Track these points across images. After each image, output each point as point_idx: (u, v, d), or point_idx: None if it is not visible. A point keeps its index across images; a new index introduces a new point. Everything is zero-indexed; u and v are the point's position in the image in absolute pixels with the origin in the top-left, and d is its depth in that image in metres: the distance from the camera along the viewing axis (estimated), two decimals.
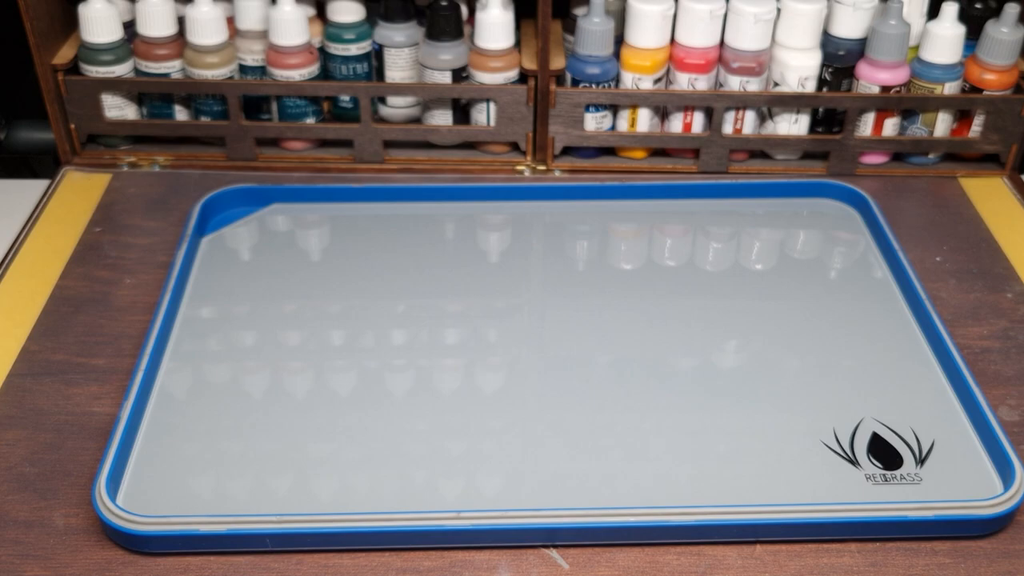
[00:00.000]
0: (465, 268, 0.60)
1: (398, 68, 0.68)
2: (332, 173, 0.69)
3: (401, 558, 0.43)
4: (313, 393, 0.51)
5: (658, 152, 0.71)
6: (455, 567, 0.43)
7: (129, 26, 0.68)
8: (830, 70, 0.67)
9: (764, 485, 0.46)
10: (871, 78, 0.66)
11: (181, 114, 0.70)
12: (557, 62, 0.66)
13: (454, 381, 0.51)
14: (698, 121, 0.68)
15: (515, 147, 0.70)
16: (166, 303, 0.54)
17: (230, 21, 0.68)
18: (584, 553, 0.44)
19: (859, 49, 0.67)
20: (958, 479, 0.47)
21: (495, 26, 0.65)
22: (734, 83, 0.67)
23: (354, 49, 0.68)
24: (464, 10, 0.67)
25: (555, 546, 0.44)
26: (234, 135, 0.68)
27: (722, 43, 0.66)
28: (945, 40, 0.65)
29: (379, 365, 0.53)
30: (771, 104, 0.68)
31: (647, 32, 0.65)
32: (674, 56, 0.67)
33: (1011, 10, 0.65)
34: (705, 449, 0.48)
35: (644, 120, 0.68)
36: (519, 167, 0.69)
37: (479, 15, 0.66)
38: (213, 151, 0.70)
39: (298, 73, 0.67)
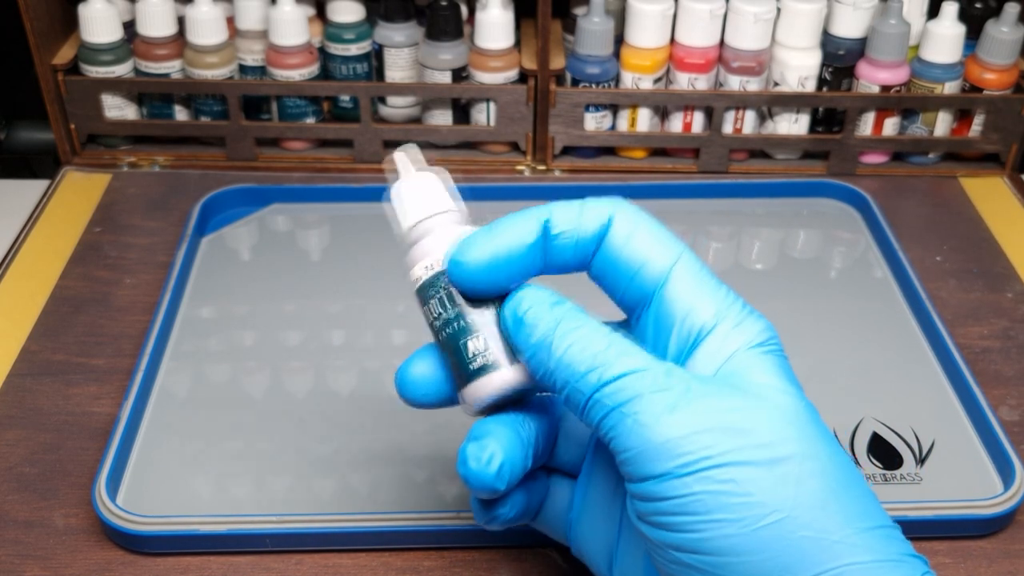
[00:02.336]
0: None
1: (398, 68, 0.68)
2: (332, 173, 0.69)
3: (401, 558, 0.43)
4: (313, 393, 0.51)
5: (658, 152, 0.71)
6: (455, 567, 0.43)
7: (129, 26, 0.68)
8: (830, 69, 0.67)
9: None
10: (871, 77, 0.66)
11: (181, 114, 0.70)
12: (557, 62, 0.66)
13: None
14: (698, 121, 0.68)
15: (515, 147, 0.70)
16: (166, 303, 0.54)
17: (230, 21, 0.68)
18: None
19: (859, 48, 0.67)
20: (958, 479, 0.47)
21: (495, 26, 0.65)
22: (734, 83, 0.67)
23: (354, 49, 0.68)
24: (464, 10, 0.67)
25: (555, 546, 0.44)
26: (234, 135, 0.68)
27: (722, 43, 0.66)
28: (945, 39, 0.65)
29: (379, 365, 0.53)
30: (771, 104, 0.68)
31: (647, 32, 0.65)
32: (674, 56, 0.67)
33: (1011, 9, 0.65)
34: None
35: (644, 120, 0.68)
36: (519, 167, 0.69)
37: (479, 15, 0.66)
38: (213, 151, 0.70)
39: (298, 73, 0.67)
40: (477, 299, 0.34)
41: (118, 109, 0.68)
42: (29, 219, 0.64)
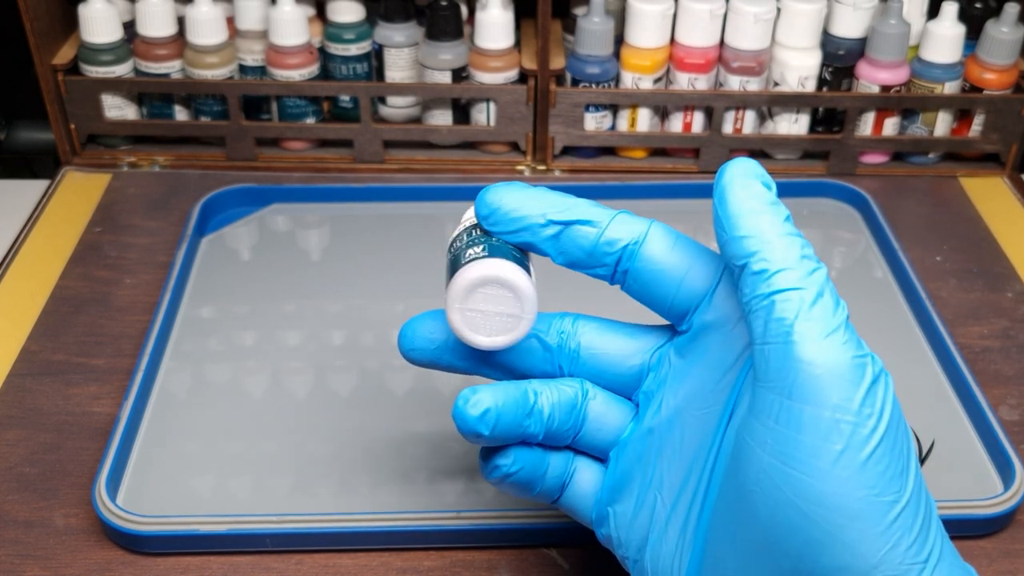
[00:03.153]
0: None
1: (398, 68, 0.68)
2: (332, 173, 0.69)
3: (401, 558, 0.43)
4: (313, 393, 0.51)
5: (658, 152, 0.71)
6: (455, 567, 0.43)
7: (129, 26, 0.68)
8: (830, 69, 0.67)
9: None
10: (871, 77, 0.66)
11: (181, 114, 0.70)
12: (557, 62, 0.66)
13: (454, 381, 0.51)
14: (698, 121, 0.68)
15: (515, 147, 0.70)
16: (166, 303, 0.54)
17: (230, 21, 0.68)
18: (584, 553, 0.44)
19: (859, 48, 0.67)
20: (958, 479, 0.47)
21: (495, 26, 0.65)
22: (734, 83, 0.67)
23: (354, 49, 0.68)
24: (464, 10, 0.67)
25: (555, 546, 0.44)
26: (234, 135, 0.68)
27: (722, 43, 0.66)
28: (945, 39, 0.65)
29: (379, 365, 0.53)
30: (771, 104, 0.68)
31: (647, 32, 0.65)
32: (674, 56, 0.67)
33: (1011, 9, 0.65)
34: None
35: (644, 120, 0.68)
36: (519, 167, 0.69)
37: (479, 15, 0.66)
38: (213, 151, 0.70)
39: (298, 73, 0.67)
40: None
41: (118, 109, 0.68)
42: (29, 219, 0.64)
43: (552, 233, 0.35)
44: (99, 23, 0.65)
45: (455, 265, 0.34)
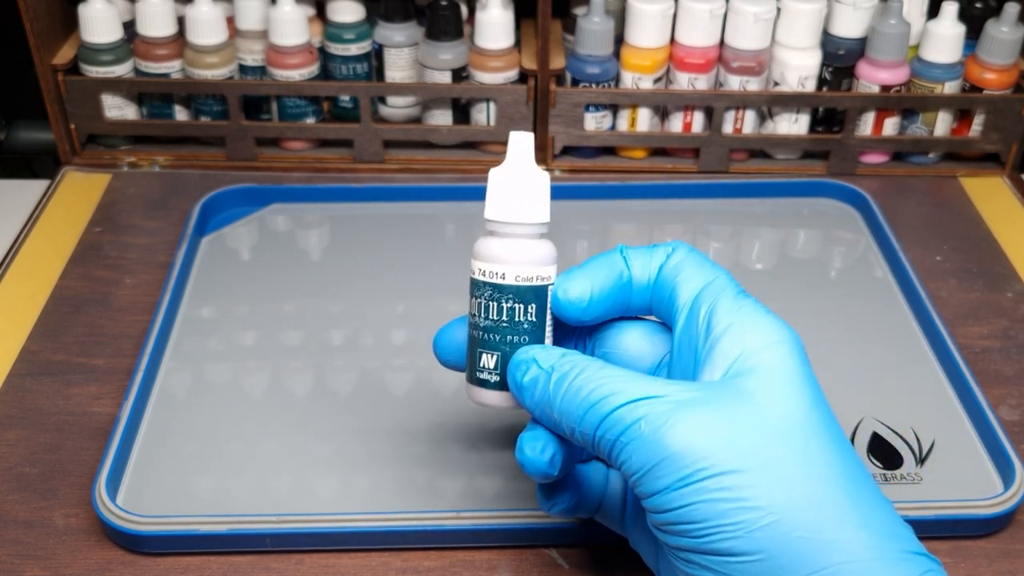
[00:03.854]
0: (465, 268, 0.60)
1: (398, 68, 0.68)
2: (332, 173, 0.69)
3: (401, 558, 0.43)
4: (313, 393, 0.51)
5: (658, 152, 0.71)
6: (455, 567, 0.43)
7: (129, 26, 0.68)
8: (830, 69, 0.67)
9: None
10: (871, 77, 0.66)
11: (181, 114, 0.70)
12: (557, 62, 0.66)
13: (454, 381, 0.51)
14: (698, 121, 0.68)
15: None
16: (166, 303, 0.54)
17: (230, 21, 0.68)
18: (584, 553, 0.44)
19: (859, 48, 0.67)
20: (958, 479, 0.47)
21: (495, 26, 0.65)
22: (734, 83, 0.67)
23: (354, 49, 0.68)
24: (464, 10, 0.67)
25: (555, 546, 0.44)
26: (234, 135, 0.68)
27: (722, 42, 0.66)
28: (945, 39, 0.65)
29: (379, 365, 0.53)
30: (771, 104, 0.68)
31: (647, 31, 0.65)
32: (674, 56, 0.67)
33: (1011, 9, 0.65)
34: None
35: (644, 120, 0.68)
36: None
37: (479, 15, 0.66)
38: (213, 151, 0.70)
39: (298, 73, 0.67)
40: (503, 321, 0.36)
41: (118, 109, 0.68)
42: (29, 219, 0.64)
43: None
44: (99, 23, 0.65)
45: (472, 364, 0.37)
